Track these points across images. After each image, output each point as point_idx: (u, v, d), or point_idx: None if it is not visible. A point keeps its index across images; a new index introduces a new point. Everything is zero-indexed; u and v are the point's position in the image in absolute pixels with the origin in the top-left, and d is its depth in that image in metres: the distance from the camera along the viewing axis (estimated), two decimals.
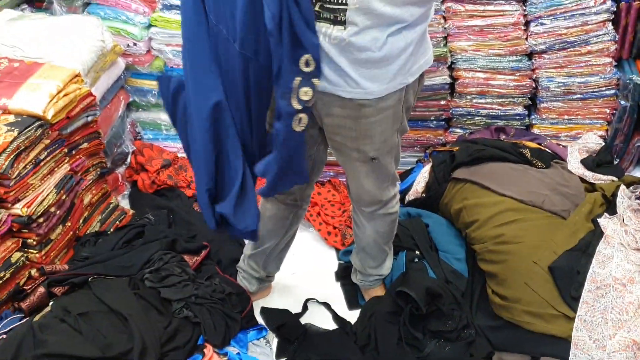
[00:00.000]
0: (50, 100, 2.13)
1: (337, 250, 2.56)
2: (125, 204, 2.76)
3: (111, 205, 2.55)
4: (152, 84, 2.87)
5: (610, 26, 2.49)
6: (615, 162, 2.63)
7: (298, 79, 1.47)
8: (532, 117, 2.72)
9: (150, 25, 2.73)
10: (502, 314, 2.04)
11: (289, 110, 1.50)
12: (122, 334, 1.89)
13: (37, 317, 1.95)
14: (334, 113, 1.62)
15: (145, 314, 1.98)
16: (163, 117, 2.97)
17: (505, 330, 2.03)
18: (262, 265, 2.18)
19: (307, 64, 1.45)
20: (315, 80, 1.49)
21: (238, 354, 2.03)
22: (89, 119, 2.36)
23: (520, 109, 2.69)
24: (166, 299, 2.08)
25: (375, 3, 1.39)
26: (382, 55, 1.48)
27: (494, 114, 2.70)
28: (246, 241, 2.26)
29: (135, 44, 2.72)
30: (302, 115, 1.52)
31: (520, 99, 2.67)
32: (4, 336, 1.91)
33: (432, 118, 2.75)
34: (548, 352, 1.94)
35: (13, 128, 2.02)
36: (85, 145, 2.37)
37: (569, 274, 1.97)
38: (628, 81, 2.53)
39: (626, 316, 1.87)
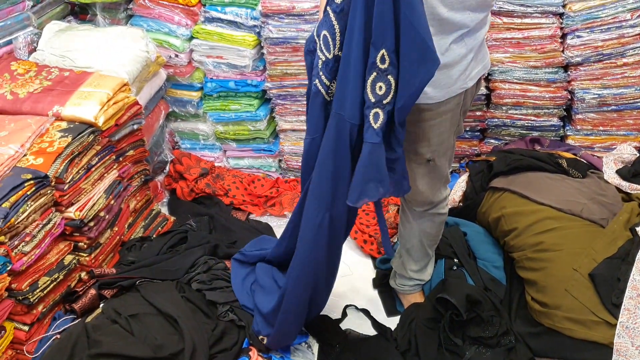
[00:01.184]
0: (101, 108, 2.20)
1: (373, 258, 2.59)
2: (164, 210, 2.82)
3: (154, 212, 2.61)
4: (191, 95, 2.94)
5: None
6: None
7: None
8: (567, 128, 2.75)
9: (192, 37, 2.80)
10: (542, 321, 2.06)
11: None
12: (172, 335, 1.93)
13: (89, 318, 2.00)
14: None
15: (193, 316, 2.03)
16: (200, 127, 3.03)
17: (545, 336, 2.05)
18: None
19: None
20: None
21: (281, 357, 2.07)
22: (135, 127, 2.43)
23: (555, 120, 2.73)
24: (212, 303, 2.13)
25: (440, 9, 1.45)
26: (445, 61, 1.53)
27: (529, 125, 2.74)
28: None
29: (177, 56, 2.79)
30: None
31: (555, 110, 2.70)
32: (58, 336, 1.97)
33: (467, 129, 2.79)
34: (589, 358, 1.94)
35: (67, 134, 2.09)
36: (131, 152, 2.43)
37: (610, 281, 1.99)
38: None
39: None
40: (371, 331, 2.24)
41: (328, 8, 1.48)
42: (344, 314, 2.30)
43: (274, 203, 2.90)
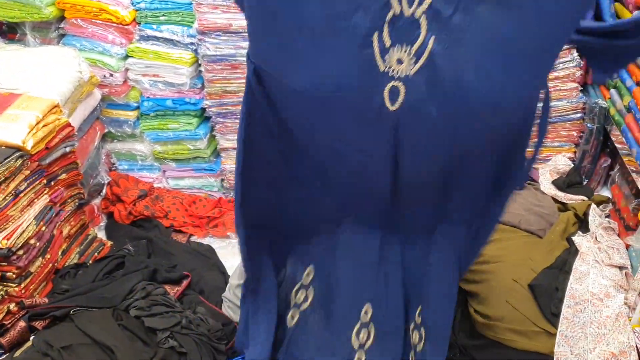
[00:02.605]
0: (30, 131, 2.11)
1: None
2: (101, 235, 2.72)
3: (89, 237, 2.52)
4: (127, 115, 2.87)
5: (575, 53, 2.59)
6: (584, 183, 2.72)
7: None
8: None
9: (127, 56, 2.73)
10: (485, 333, 2.07)
11: None
12: None
13: (17, 353, 1.89)
14: None
15: (130, 345, 1.95)
16: (138, 147, 2.96)
17: (489, 348, 2.06)
18: None
19: None
20: None
21: None
22: (67, 149, 2.34)
23: None
24: (151, 329, 2.06)
25: None
26: None
27: None
28: (232, 270, 2.25)
29: (111, 75, 2.72)
30: None
31: None
32: None
33: None
34: None
35: None
36: (63, 176, 2.34)
37: (549, 291, 2.02)
38: (594, 105, 2.63)
39: (604, 330, 1.93)
40: None
41: None
42: None
43: (217, 224, 2.84)
